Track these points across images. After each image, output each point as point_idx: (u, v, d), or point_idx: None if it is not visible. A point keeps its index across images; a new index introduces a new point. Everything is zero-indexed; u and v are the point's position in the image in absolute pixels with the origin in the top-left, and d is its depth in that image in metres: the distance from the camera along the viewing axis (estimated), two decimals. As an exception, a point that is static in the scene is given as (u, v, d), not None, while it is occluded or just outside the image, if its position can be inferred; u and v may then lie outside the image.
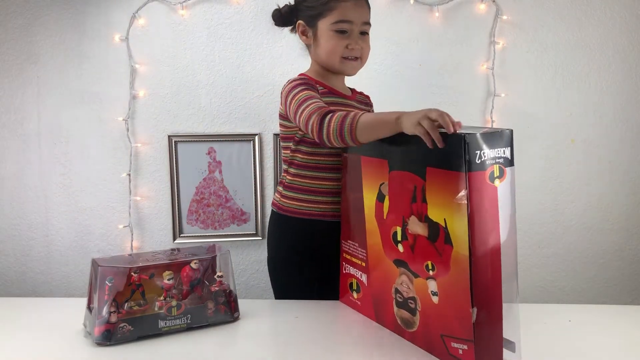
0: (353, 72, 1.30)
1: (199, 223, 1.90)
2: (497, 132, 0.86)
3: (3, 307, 1.21)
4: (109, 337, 0.99)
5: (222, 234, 1.90)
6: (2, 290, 1.89)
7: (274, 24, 1.34)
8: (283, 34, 1.73)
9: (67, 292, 1.90)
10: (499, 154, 0.85)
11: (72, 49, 1.83)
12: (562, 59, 1.87)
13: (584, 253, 1.94)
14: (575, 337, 1.03)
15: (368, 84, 1.72)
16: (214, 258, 1.10)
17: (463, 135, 0.83)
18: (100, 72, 1.84)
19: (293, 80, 1.25)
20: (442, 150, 0.88)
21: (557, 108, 1.89)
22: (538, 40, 1.86)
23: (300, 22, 1.29)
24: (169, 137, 1.85)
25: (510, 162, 0.87)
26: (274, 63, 1.85)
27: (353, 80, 1.40)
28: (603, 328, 1.08)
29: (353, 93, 1.38)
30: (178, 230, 1.89)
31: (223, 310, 1.09)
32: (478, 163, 0.84)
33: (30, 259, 1.90)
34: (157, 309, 1.03)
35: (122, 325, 0.99)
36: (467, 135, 0.83)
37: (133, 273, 1.01)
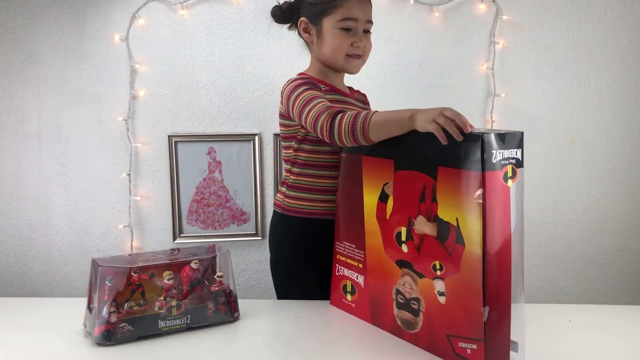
0: (356, 70, 1.30)
1: (199, 223, 1.90)
2: (510, 133, 0.86)
3: (3, 307, 1.21)
4: (109, 337, 0.99)
5: (222, 234, 1.90)
6: (2, 290, 1.90)
7: (274, 21, 1.33)
8: (283, 34, 1.73)
9: (67, 292, 1.90)
10: (512, 155, 0.86)
11: (72, 49, 1.83)
12: (562, 59, 1.87)
13: (584, 253, 1.94)
14: (575, 337, 1.03)
15: (368, 84, 1.72)
16: (214, 258, 1.10)
17: (481, 135, 0.83)
18: (100, 72, 1.84)
19: (294, 80, 1.24)
20: (456, 150, 0.87)
21: (557, 108, 1.89)
22: (538, 40, 1.86)
23: (303, 19, 1.28)
24: (169, 137, 1.85)
25: (521, 163, 0.88)
26: (274, 63, 1.85)
27: (353, 80, 1.40)
28: (603, 328, 1.07)
29: (352, 91, 1.38)
30: (178, 230, 1.89)
31: (223, 310, 1.09)
32: (494, 163, 0.84)
33: (30, 259, 1.90)
34: (157, 309, 1.03)
35: (122, 325, 0.99)
36: (484, 135, 0.83)
37: (133, 273, 1.01)
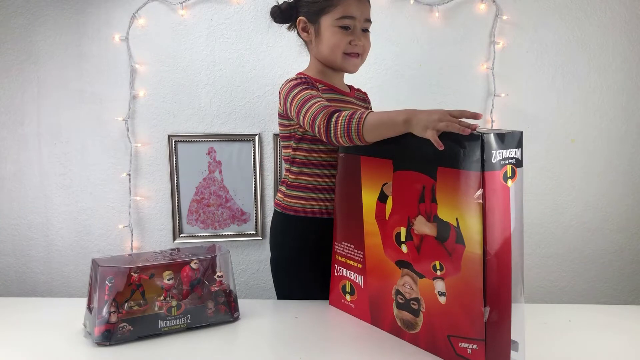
0: (354, 69, 1.30)
1: (199, 223, 1.90)
2: (509, 132, 0.86)
3: (3, 307, 1.21)
4: (109, 337, 0.99)
5: (222, 234, 1.90)
6: (2, 290, 1.90)
7: (273, 21, 1.33)
8: (283, 34, 1.73)
9: (67, 292, 1.90)
10: (511, 155, 0.86)
11: (72, 49, 1.83)
12: (562, 59, 1.87)
13: (584, 253, 1.94)
14: (575, 337, 1.03)
15: (368, 84, 1.72)
16: (214, 258, 1.10)
17: (481, 135, 0.83)
18: (100, 72, 1.84)
19: (291, 80, 1.24)
20: (456, 150, 0.88)
21: (557, 108, 1.89)
22: (538, 40, 1.86)
23: (302, 18, 1.28)
24: (169, 137, 1.85)
25: (521, 163, 0.87)
26: (274, 63, 1.85)
27: (353, 80, 1.40)
28: (603, 328, 1.08)
29: (352, 90, 1.38)
30: (178, 230, 1.89)
31: (223, 310, 1.09)
32: (493, 163, 0.84)
33: (30, 259, 1.90)
34: (157, 309, 1.03)
35: (122, 325, 0.99)
36: (484, 135, 0.83)
37: (133, 273, 1.01)
